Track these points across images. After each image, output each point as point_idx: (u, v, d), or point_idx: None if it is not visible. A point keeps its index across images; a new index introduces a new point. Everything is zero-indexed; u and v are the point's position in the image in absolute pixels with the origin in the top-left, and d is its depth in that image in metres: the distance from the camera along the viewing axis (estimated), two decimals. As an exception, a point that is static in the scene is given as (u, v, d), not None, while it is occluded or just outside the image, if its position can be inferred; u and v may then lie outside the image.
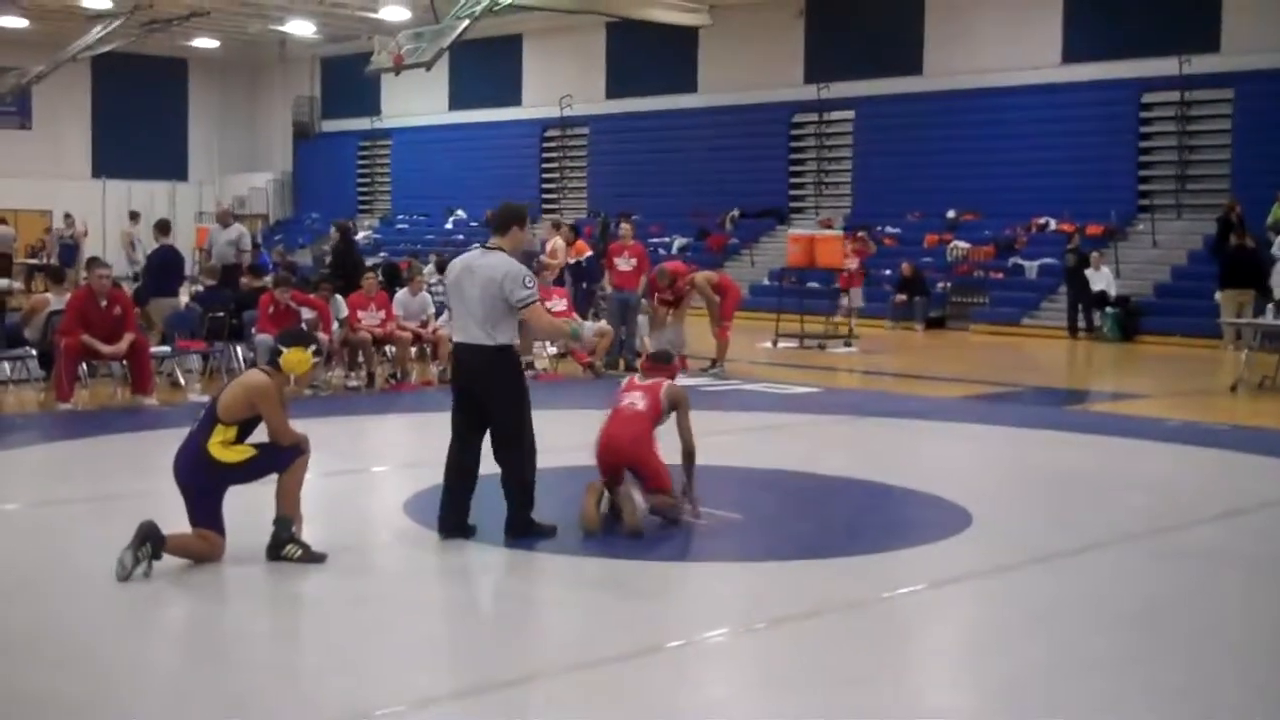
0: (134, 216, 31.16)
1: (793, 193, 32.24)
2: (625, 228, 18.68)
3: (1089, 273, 23.30)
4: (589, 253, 20.69)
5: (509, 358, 7.68)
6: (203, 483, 7.07)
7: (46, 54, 34.74)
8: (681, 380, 9.23)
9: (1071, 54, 27.46)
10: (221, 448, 7.06)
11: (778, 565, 7.58)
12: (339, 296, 15.49)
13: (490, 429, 7.70)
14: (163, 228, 18.40)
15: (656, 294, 16.94)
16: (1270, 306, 16.47)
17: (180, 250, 18.15)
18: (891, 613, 6.68)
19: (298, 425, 7.29)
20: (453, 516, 7.70)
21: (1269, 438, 12.03)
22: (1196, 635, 6.25)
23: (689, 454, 8.22)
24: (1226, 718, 5.17)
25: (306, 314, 14.68)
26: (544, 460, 9.78)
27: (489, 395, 7.65)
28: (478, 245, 8.15)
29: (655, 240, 30.36)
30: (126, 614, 6.31)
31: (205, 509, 7.04)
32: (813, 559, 7.63)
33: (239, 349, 15.19)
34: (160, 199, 38.95)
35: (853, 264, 22.15)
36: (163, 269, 16.74)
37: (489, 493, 7.80)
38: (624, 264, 17.28)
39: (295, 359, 7.33)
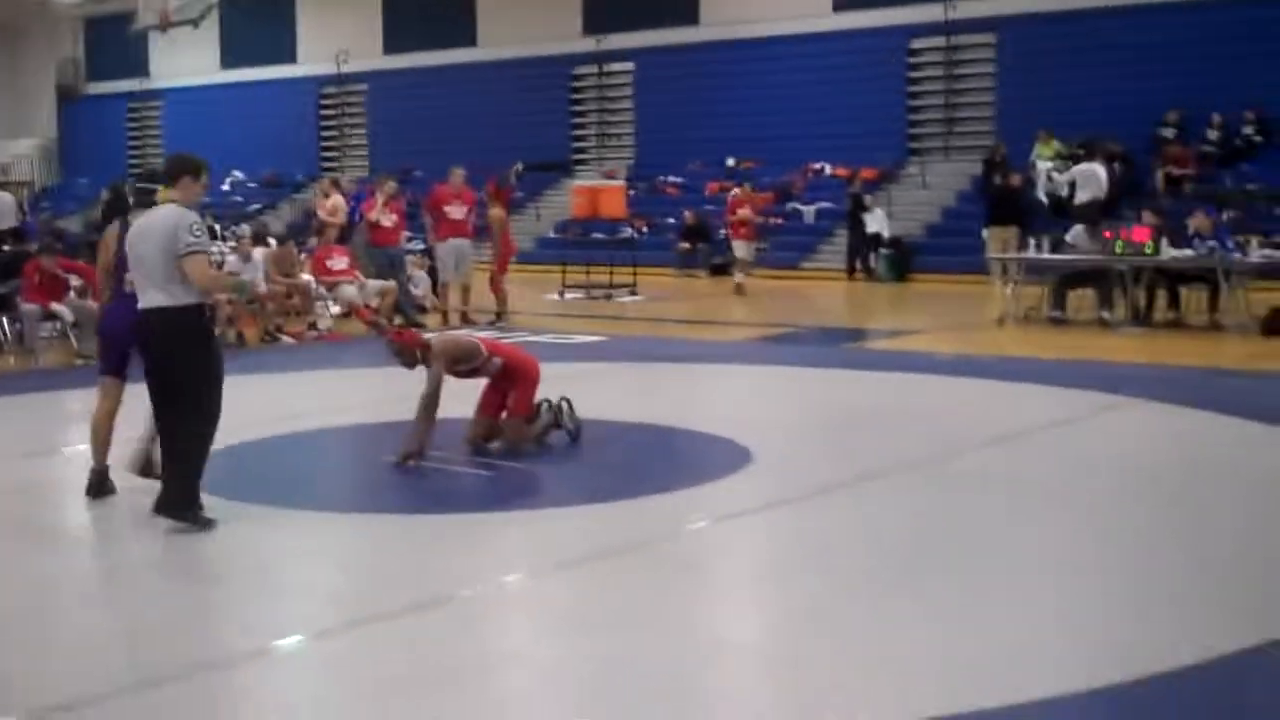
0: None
1: (575, 145, 32.30)
2: (389, 186, 18.45)
3: (864, 215, 23.92)
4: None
5: (197, 319, 7.00)
6: None
7: None
8: (469, 334, 9.27)
9: (842, 2, 28.05)
10: None
11: (565, 511, 7.69)
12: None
13: (165, 389, 7.02)
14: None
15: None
16: (1033, 241, 17.13)
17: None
18: (678, 551, 6.82)
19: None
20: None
21: (1034, 366, 12.56)
22: (968, 553, 6.54)
23: None
24: (1001, 629, 5.42)
25: (74, 281, 14.25)
26: (333, 420, 9.74)
27: (171, 361, 6.96)
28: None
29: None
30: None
31: None
32: (598, 503, 7.75)
33: (3, 319, 14.64)
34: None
35: (746, 213, 21.56)
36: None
37: (286, 450, 7.72)
38: (385, 220, 17.17)
39: (165, 195, 7.43)
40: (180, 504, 6.94)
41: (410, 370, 8.73)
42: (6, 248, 16.17)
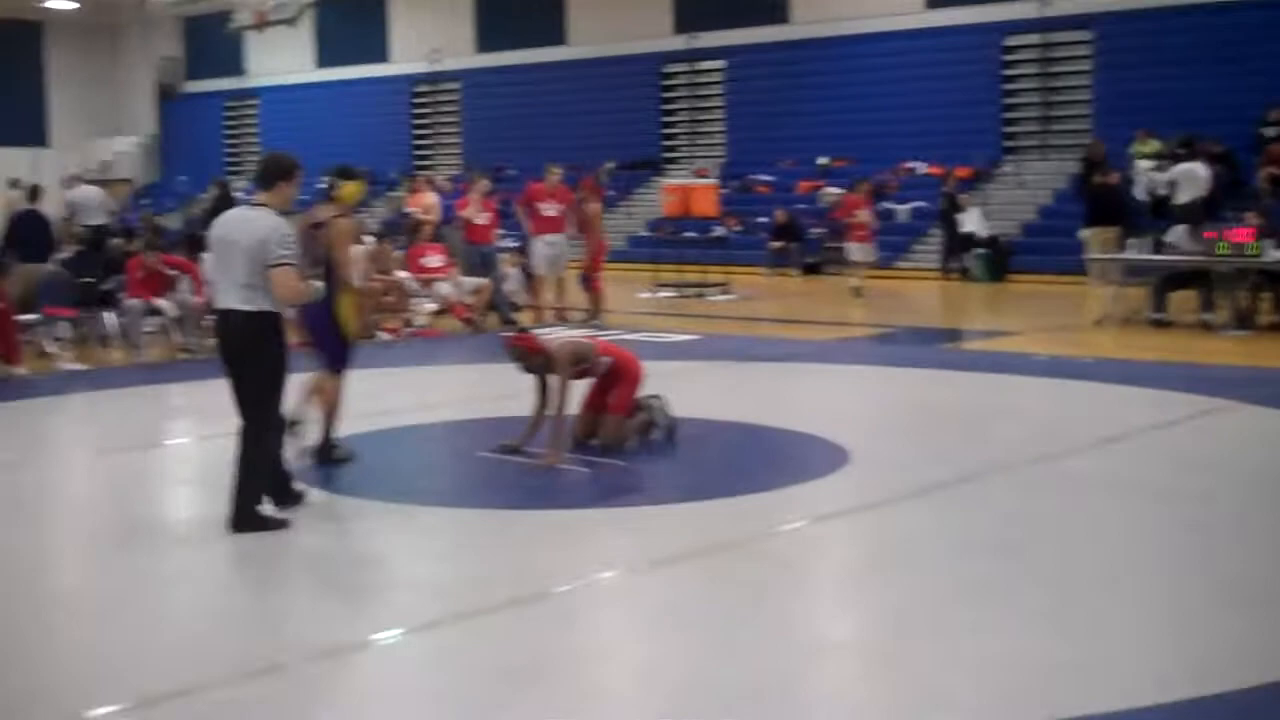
0: (13, 184, 30.37)
1: (666, 143, 32.30)
2: (482, 183, 18.58)
3: (958, 215, 23.69)
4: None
5: (272, 327, 6.95)
6: None
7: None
8: (563, 332, 9.30)
9: (935, -1, 27.86)
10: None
11: (662, 508, 7.70)
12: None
13: (237, 399, 7.02)
14: (32, 193, 17.96)
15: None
16: (1132, 242, 16.90)
17: (48, 216, 17.69)
18: (775, 550, 6.80)
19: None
20: (273, 491, 7.19)
21: (1134, 369, 12.39)
22: (1067, 556, 6.47)
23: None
24: (1101, 634, 5.35)
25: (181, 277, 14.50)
26: (429, 416, 9.83)
27: (242, 367, 6.96)
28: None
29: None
30: (7, 582, 6.22)
31: None
32: (696, 501, 7.76)
33: (109, 315, 14.92)
34: (21, 166, 37.86)
35: (864, 215, 20.65)
36: (24, 235, 16.31)
37: (384, 445, 7.78)
38: (479, 218, 17.33)
39: (350, 191, 8.42)
40: (253, 518, 6.93)
41: (530, 371, 8.74)
42: (115, 241, 16.44)
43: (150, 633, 5.55)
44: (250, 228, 6.85)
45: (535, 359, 8.64)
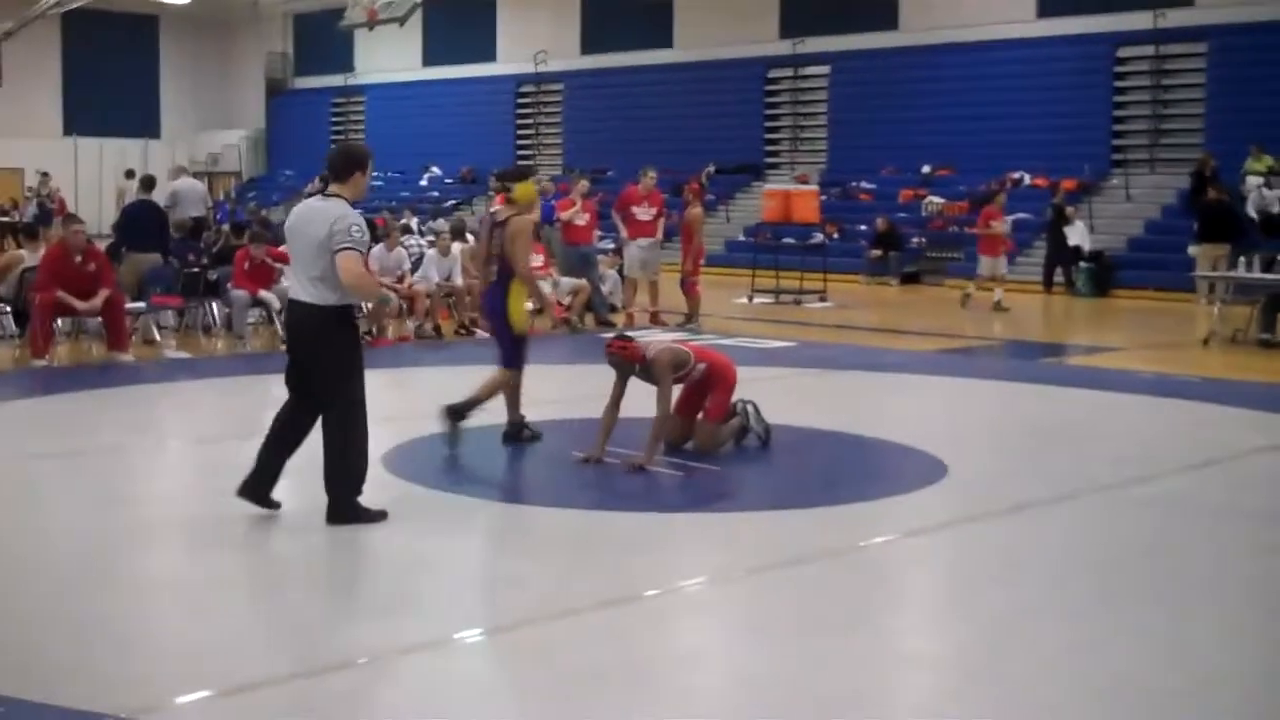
0: (129, 174, 31.05)
1: (768, 148, 32.20)
2: (582, 184, 18.65)
3: (1066, 228, 23.33)
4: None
5: (339, 320, 6.91)
6: None
7: (14, 10, 34.35)
8: (659, 335, 9.28)
9: (1047, 8, 27.51)
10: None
11: (755, 515, 7.66)
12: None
13: (305, 384, 7.03)
14: (146, 184, 18.31)
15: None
16: (1243, 260, 16.57)
17: (161, 207, 18.00)
18: (869, 561, 6.74)
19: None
20: (254, 480, 7.08)
21: (1240, 390, 12.14)
22: (1169, 580, 6.33)
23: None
24: (1201, 658, 5.24)
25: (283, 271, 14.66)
26: (529, 413, 9.84)
27: (313, 360, 6.94)
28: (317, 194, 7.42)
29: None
30: (95, 566, 6.32)
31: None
32: (790, 509, 7.70)
33: (215, 305, 15.16)
34: (133, 156, 38.67)
35: (1000, 227, 20.32)
36: (136, 224, 16.60)
37: (478, 442, 7.81)
38: (579, 219, 17.41)
39: (524, 190, 8.86)
40: (351, 509, 6.95)
41: (626, 374, 8.71)
42: (207, 233, 16.71)
43: (238, 623, 5.62)
44: (322, 217, 6.82)
45: (633, 365, 8.64)
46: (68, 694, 4.62)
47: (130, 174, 31.19)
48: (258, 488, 7.06)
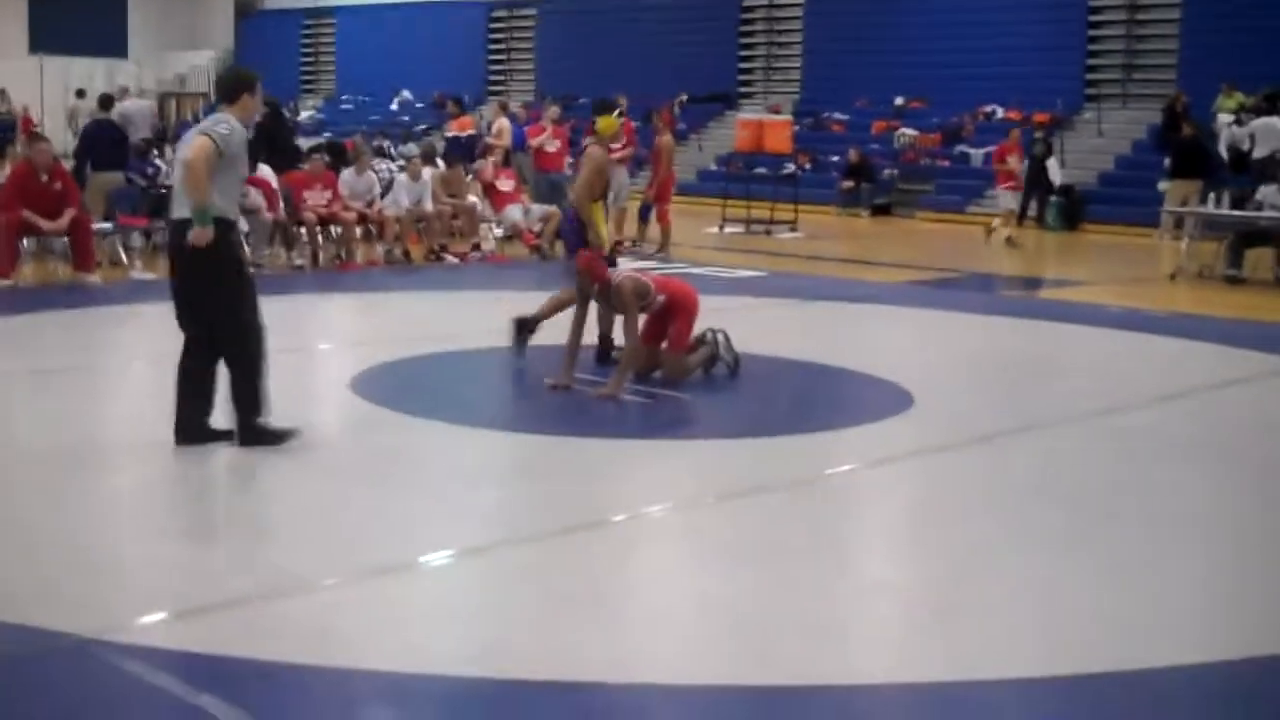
0: (80, 94, 30.69)
1: (741, 78, 32.00)
2: (553, 110, 18.57)
3: (1047, 162, 23.26)
4: (472, 130, 20.73)
5: (220, 234, 6.62)
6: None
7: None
8: (628, 264, 9.28)
9: (1024, -60, 27.33)
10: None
11: (722, 443, 7.67)
12: (268, 169, 15.30)
13: (190, 306, 6.81)
14: (104, 103, 18.09)
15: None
16: (1212, 196, 16.61)
17: (120, 125, 17.79)
18: (834, 489, 6.77)
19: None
20: (183, 420, 6.87)
21: (1207, 324, 12.20)
22: (1135, 512, 6.36)
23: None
24: (1168, 590, 5.28)
25: (251, 193, 14.53)
26: (493, 340, 9.83)
27: (194, 277, 6.71)
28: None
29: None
30: (53, 486, 6.29)
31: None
32: (757, 437, 7.72)
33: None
34: (99, 77, 38.13)
35: (1014, 162, 20.28)
36: (98, 144, 16.40)
37: (448, 368, 7.79)
38: (550, 145, 17.37)
39: (605, 123, 9.25)
40: (255, 429, 6.80)
41: (587, 291, 8.69)
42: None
43: (200, 546, 5.60)
44: (204, 124, 6.71)
45: (592, 283, 8.61)
46: (27, 614, 4.61)
47: (81, 93, 30.86)
48: (189, 431, 6.83)
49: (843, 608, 5.07)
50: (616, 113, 9.75)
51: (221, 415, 6.92)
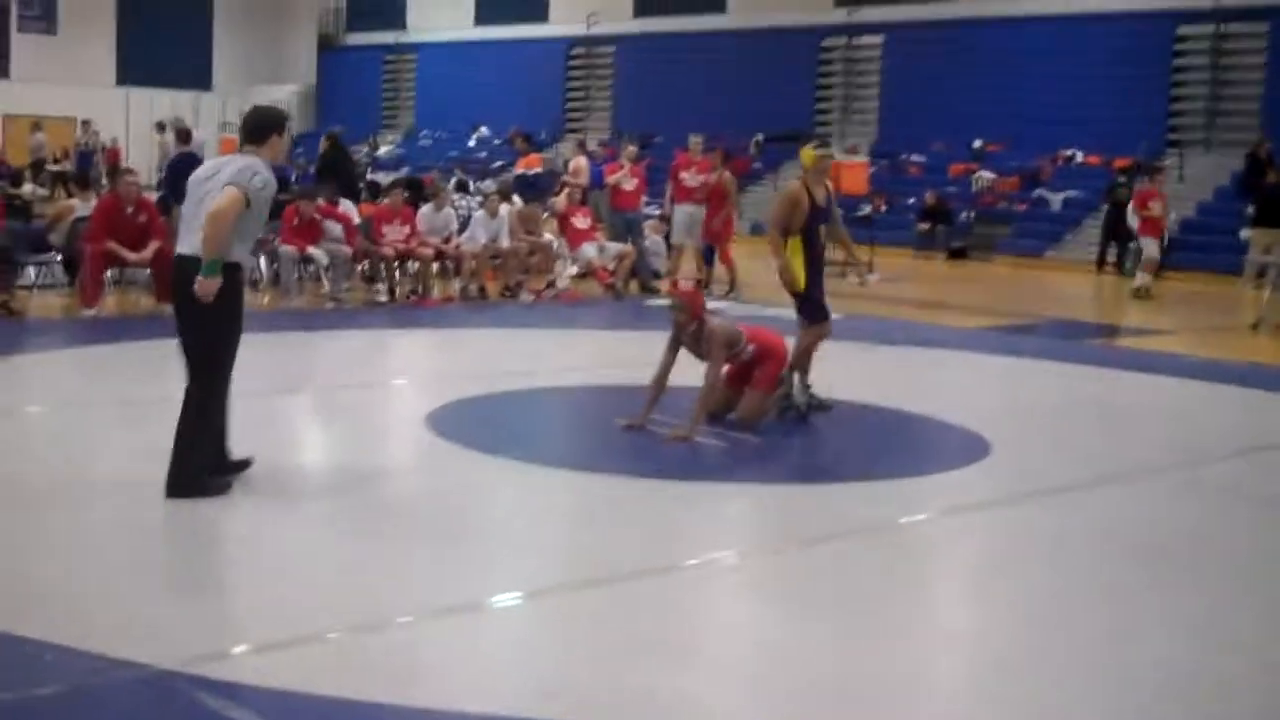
0: (160, 127, 31.27)
1: (818, 118, 32.00)
2: (630, 149, 18.67)
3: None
4: (539, 168, 20.84)
5: (228, 275, 6.45)
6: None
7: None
8: (732, 321, 9.26)
9: (1106, -16, 27.20)
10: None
11: (796, 488, 7.66)
12: (351, 205, 15.52)
13: (183, 350, 6.63)
14: (183, 135, 18.40)
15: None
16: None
17: (202, 158, 18.09)
18: (908, 537, 6.72)
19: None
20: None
21: (1289, 376, 12.02)
22: (1212, 568, 6.27)
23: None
24: (1244, 646, 5.19)
25: (332, 227, 14.74)
26: (567, 379, 9.87)
27: (191, 313, 6.50)
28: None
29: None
30: (149, 520, 6.37)
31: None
32: (831, 483, 7.70)
33: (262, 259, 15.22)
34: (184, 109, 38.84)
35: (1157, 208, 19.62)
36: (182, 176, 16.62)
37: (522, 406, 7.83)
38: (627, 184, 17.49)
39: (805, 155, 9.11)
40: (190, 483, 6.52)
41: (681, 326, 8.60)
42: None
43: (284, 579, 5.64)
44: (235, 164, 6.51)
45: (692, 322, 8.58)
46: (109, 644, 4.66)
47: (161, 126, 31.38)
48: (216, 467, 6.75)
49: (914, 660, 5.02)
50: (815, 144, 9.42)
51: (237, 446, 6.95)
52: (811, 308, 9.28)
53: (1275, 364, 12.87)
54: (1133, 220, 20.03)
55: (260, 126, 6.70)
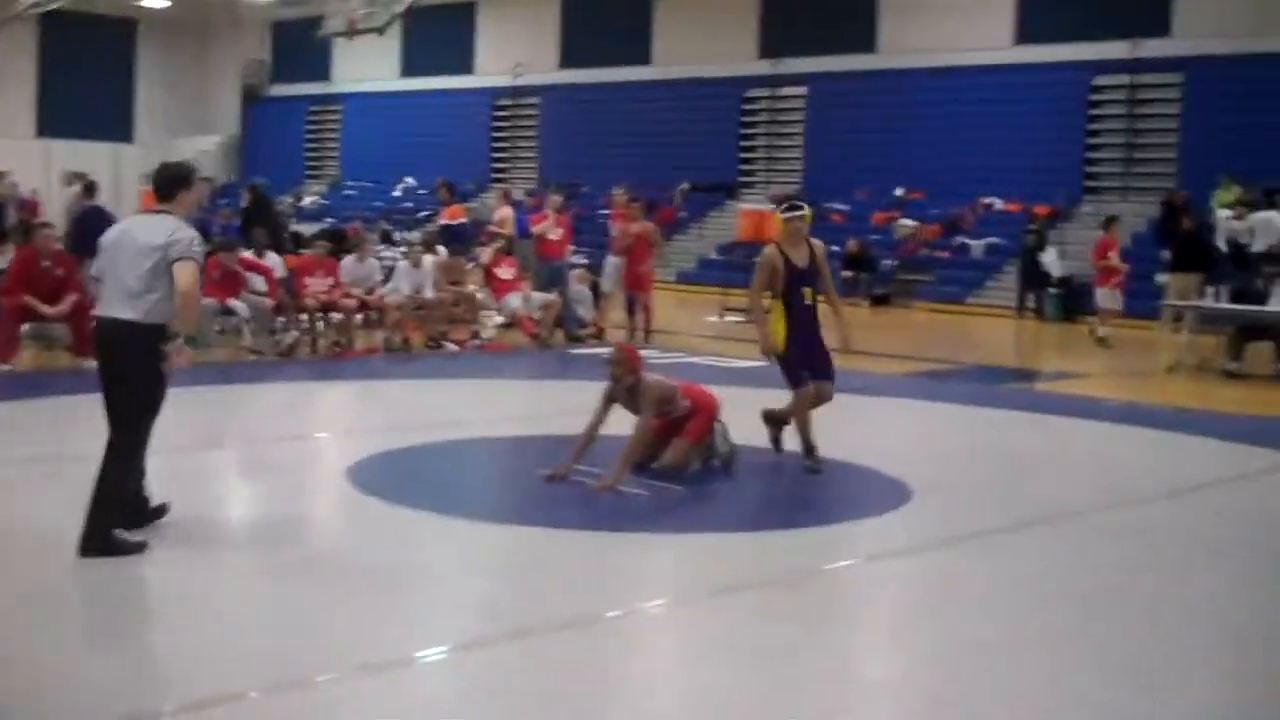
0: (70, 180, 30.91)
1: (743, 168, 32.27)
2: (555, 199, 18.71)
3: (1041, 253, 23.43)
4: (463, 218, 20.84)
5: (155, 341, 6.51)
6: None
7: (-8, 10, 34.28)
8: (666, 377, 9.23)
9: (1024, 35, 27.68)
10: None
11: (720, 537, 7.64)
12: (275, 257, 15.44)
13: (107, 410, 6.67)
14: (89, 189, 18.26)
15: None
16: (1210, 290, 16.69)
17: (111, 212, 17.92)
18: (830, 585, 6.73)
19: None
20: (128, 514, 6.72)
21: (1206, 419, 12.18)
22: (1137, 610, 6.32)
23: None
24: (1171, 688, 5.24)
25: (254, 279, 14.63)
26: (491, 430, 9.83)
27: (119, 380, 6.60)
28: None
29: (606, 212, 30.39)
30: (65, 579, 6.25)
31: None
32: (753, 531, 7.71)
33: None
34: (104, 161, 38.47)
35: (1115, 259, 19.52)
36: (90, 230, 16.47)
37: (444, 457, 7.79)
38: (551, 233, 17.52)
39: (775, 219, 9.02)
40: (106, 538, 6.45)
41: (617, 380, 8.61)
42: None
43: (197, 639, 5.54)
44: (159, 227, 6.56)
45: (627, 378, 8.57)
46: (40, 709, 4.56)
47: (70, 180, 31.07)
48: (135, 517, 6.76)
49: (835, 707, 5.01)
50: (784, 206, 9.37)
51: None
52: (789, 371, 9.13)
53: (1192, 407, 13.05)
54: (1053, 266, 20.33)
55: (168, 183, 6.78)
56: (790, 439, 9.37)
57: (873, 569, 7.00)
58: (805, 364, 9.12)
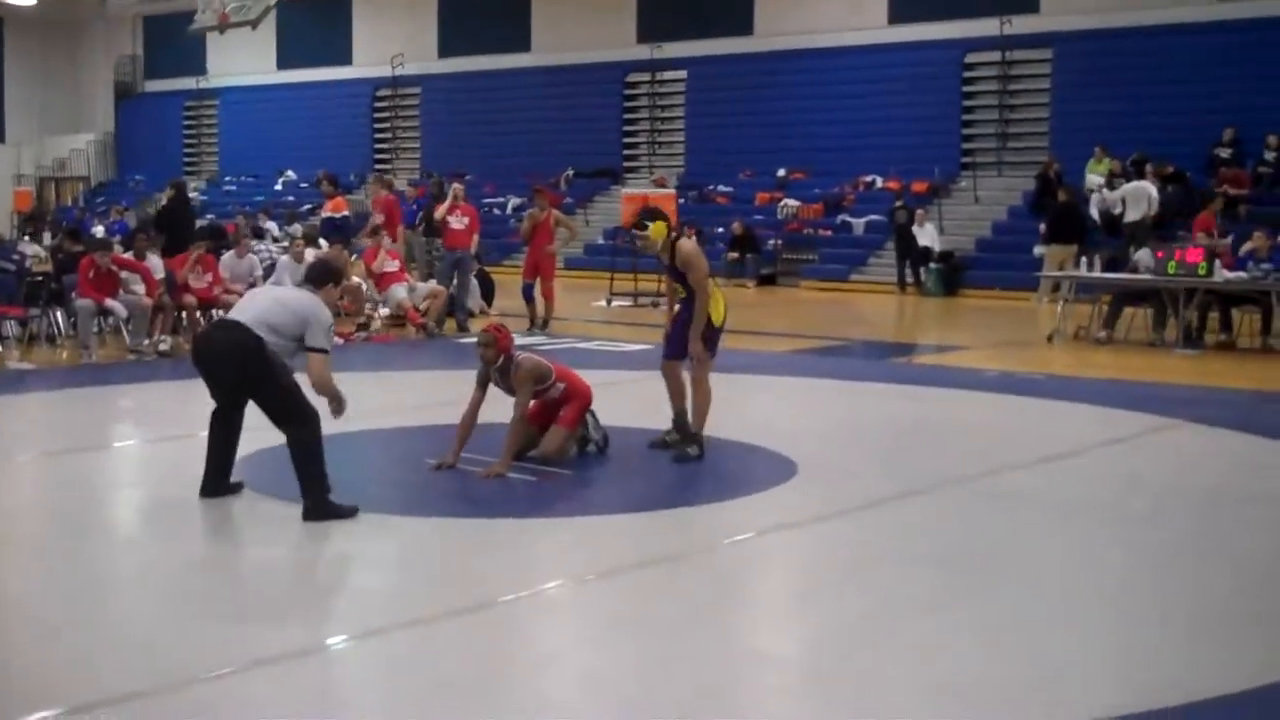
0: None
1: (626, 152, 32.35)
2: (458, 187, 18.60)
3: (915, 229, 23.84)
4: (346, 210, 20.74)
5: (264, 351, 7.45)
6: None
7: None
8: (515, 340, 9.23)
9: (897, 15, 28.06)
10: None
11: (608, 519, 7.69)
12: (155, 257, 15.21)
13: (272, 417, 7.54)
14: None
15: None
16: (1084, 260, 17.08)
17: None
18: (718, 561, 6.81)
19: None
20: (210, 479, 7.74)
21: (1083, 386, 12.48)
22: (1016, 575, 6.50)
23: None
24: (1048, 652, 5.38)
25: (131, 278, 14.41)
26: (378, 421, 9.80)
27: (257, 385, 7.49)
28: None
29: (489, 200, 30.34)
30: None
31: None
32: (642, 512, 7.76)
33: (59, 314, 14.80)
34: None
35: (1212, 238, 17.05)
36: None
37: (332, 450, 7.71)
38: (456, 223, 17.40)
39: (656, 229, 9.07)
40: (327, 507, 7.29)
41: (488, 363, 8.63)
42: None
43: (91, 636, 5.49)
44: (309, 305, 7.54)
45: (499, 358, 8.60)
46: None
47: None
48: (216, 485, 7.64)
49: (725, 679, 5.09)
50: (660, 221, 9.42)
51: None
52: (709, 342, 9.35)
53: (1069, 374, 13.36)
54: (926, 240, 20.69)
55: (322, 275, 8.04)
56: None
57: (760, 544, 7.11)
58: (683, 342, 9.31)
